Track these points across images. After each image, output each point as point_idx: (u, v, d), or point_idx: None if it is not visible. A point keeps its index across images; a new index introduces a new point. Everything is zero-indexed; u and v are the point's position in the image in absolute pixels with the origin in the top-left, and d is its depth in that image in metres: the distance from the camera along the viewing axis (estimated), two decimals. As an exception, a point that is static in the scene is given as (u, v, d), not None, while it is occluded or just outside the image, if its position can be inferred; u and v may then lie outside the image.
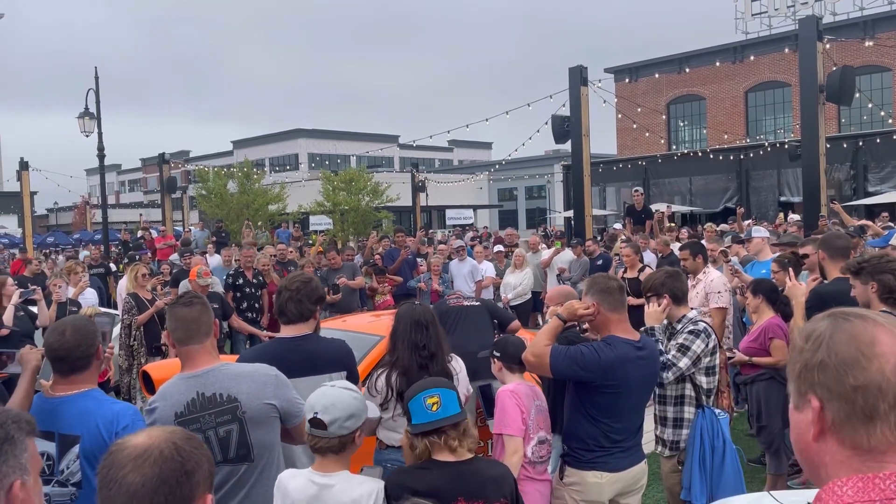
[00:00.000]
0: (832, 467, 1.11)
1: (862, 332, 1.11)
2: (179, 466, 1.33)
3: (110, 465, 1.33)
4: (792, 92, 30.83)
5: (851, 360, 1.09)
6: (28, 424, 1.62)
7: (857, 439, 1.08)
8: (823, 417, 1.10)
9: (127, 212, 48.67)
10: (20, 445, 1.57)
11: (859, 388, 1.07)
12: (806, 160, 10.54)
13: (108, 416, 2.64)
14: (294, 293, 3.48)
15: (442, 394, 2.57)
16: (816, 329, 1.15)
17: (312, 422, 2.41)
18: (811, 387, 1.12)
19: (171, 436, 1.37)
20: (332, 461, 2.47)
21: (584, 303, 3.65)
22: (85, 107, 18.86)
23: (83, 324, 2.78)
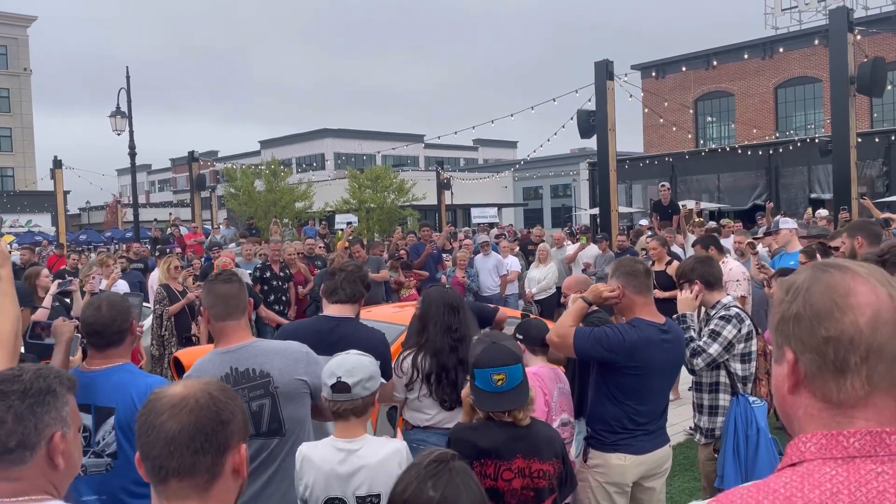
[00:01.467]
0: (804, 420, 1.10)
1: (839, 283, 1.08)
2: (215, 415, 1.37)
3: (149, 412, 1.38)
4: (823, 87, 30.34)
5: (825, 312, 1.06)
6: (69, 381, 1.69)
7: (827, 392, 1.06)
8: (797, 370, 1.09)
9: (157, 211, 49.32)
10: (61, 398, 1.64)
11: (831, 340, 1.05)
12: (837, 153, 10.40)
13: (143, 389, 2.71)
14: (349, 274, 3.63)
15: (508, 371, 2.70)
16: (796, 281, 1.13)
17: (335, 386, 2.47)
18: (787, 339, 1.11)
19: (206, 386, 1.42)
20: (353, 425, 2.53)
21: (609, 285, 3.67)
22: (116, 105, 19.19)
23: (118, 300, 2.86)
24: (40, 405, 1.60)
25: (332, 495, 2.43)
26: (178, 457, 1.33)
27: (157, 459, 1.33)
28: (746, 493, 1.07)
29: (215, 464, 1.35)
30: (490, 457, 2.71)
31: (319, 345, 3.21)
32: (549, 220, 48.24)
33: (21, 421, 1.57)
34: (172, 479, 1.33)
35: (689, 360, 4.02)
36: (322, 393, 2.59)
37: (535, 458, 2.71)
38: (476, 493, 1.74)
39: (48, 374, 1.66)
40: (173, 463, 1.32)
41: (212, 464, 1.35)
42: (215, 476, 1.36)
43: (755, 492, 1.06)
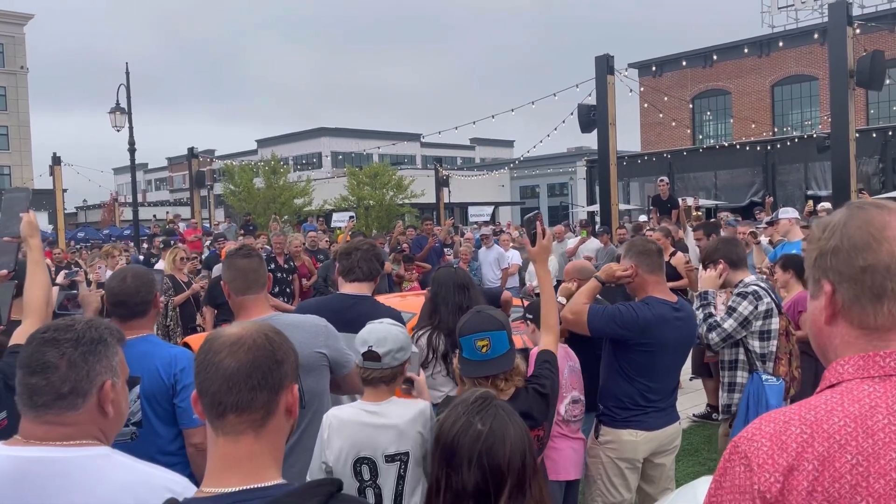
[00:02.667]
0: (841, 348, 1.15)
1: (875, 218, 1.14)
2: (271, 354, 1.41)
3: (207, 350, 1.42)
4: (819, 85, 30.48)
5: (863, 244, 1.12)
6: (118, 333, 1.74)
7: (865, 318, 1.12)
8: (835, 301, 1.15)
9: (154, 210, 49.22)
10: (112, 348, 1.68)
11: (868, 269, 1.11)
12: (836, 147, 10.47)
13: (167, 359, 2.75)
14: (365, 252, 3.66)
15: (492, 336, 2.65)
16: (833, 219, 1.19)
17: (367, 355, 2.51)
18: (824, 273, 1.16)
19: (261, 328, 1.46)
20: (382, 391, 2.57)
21: (622, 265, 3.71)
22: (116, 102, 19.19)
23: (143, 271, 2.90)
24: (92, 353, 1.64)
25: (362, 455, 2.47)
26: (237, 392, 1.36)
27: (216, 395, 1.37)
28: (788, 410, 1.12)
29: (270, 401, 1.39)
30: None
31: (338, 322, 3.24)
32: (547, 219, 48.28)
33: (74, 368, 1.61)
34: (230, 413, 1.37)
35: (706, 335, 4.07)
36: (354, 359, 2.63)
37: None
38: (521, 427, 1.79)
39: (99, 324, 1.71)
40: (232, 398, 1.36)
41: (267, 400, 1.39)
42: (270, 413, 1.40)
43: (797, 409, 1.11)
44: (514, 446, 1.73)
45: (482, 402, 1.76)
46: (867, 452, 1.02)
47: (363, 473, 2.48)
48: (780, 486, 1.04)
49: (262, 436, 1.39)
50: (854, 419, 1.05)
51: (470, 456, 1.71)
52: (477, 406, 1.75)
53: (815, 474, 1.03)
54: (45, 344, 1.63)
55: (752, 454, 1.08)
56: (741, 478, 1.07)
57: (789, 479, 1.03)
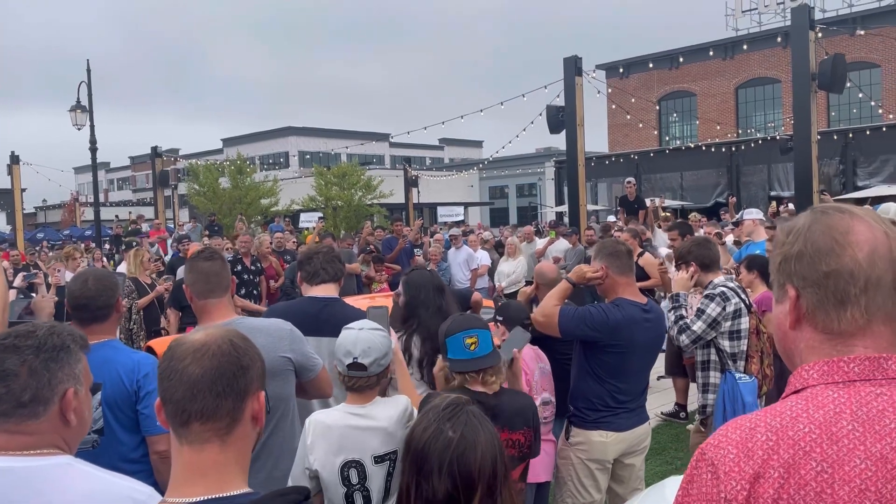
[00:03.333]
0: (806, 352, 1.15)
1: (838, 223, 1.14)
2: (236, 361, 1.38)
3: (170, 357, 1.38)
4: (782, 88, 31.08)
5: (826, 249, 1.12)
6: (82, 339, 1.69)
7: (828, 324, 1.12)
8: (799, 306, 1.15)
9: (116, 210, 48.38)
10: (75, 356, 1.63)
11: (832, 274, 1.11)
12: (798, 148, 10.66)
13: (130, 365, 2.68)
14: (326, 255, 3.63)
15: (479, 334, 2.74)
16: (797, 223, 1.19)
17: (352, 366, 2.48)
18: (788, 277, 1.17)
19: (226, 333, 1.43)
20: (367, 395, 2.54)
21: (592, 266, 3.72)
22: (77, 99, 18.79)
23: (105, 275, 2.82)
24: (54, 361, 1.59)
25: (349, 458, 2.43)
26: (201, 400, 1.33)
27: (180, 403, 1.34)
28: (754, 416, 1.12)
29: (236, 408, 1.36)
30: None
31: (307, 326, 3.19)
32: (515, 219, 48.50)
33: (35, 375, 1.57)
34: (195, 421, 1.34)
35: (676, 337, 4.10)
36: (336, 365, 2.59)
37: (505, 427, 2.73)
38: (491, 432, 1.77)
39: (62, 330, 1.66)
40: (196, 406, 1.33)
41: (233, 408, 1.36)
42: (236, 420, 1.37)
43: (762, 415, 1.11)
44: (485, 453, 1.72)
45: (453, 408, 1.74)
46: (832, 459, 1.03)
47: (351, 477, 2.44)
48: (747, 494, 1.04)
49: (228, 444, 1.36)
50: (819, 426, 1.05)
51: (441, 463, 1.69)
52: (448, 412, 1.72)
53: (781, 482, 1.03)
54: (5, 351, 1.58)
55: (718, 461, 1.07)
56: (708, 485, 1.07)
57: (755, 486, 1.03)
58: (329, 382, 3.07)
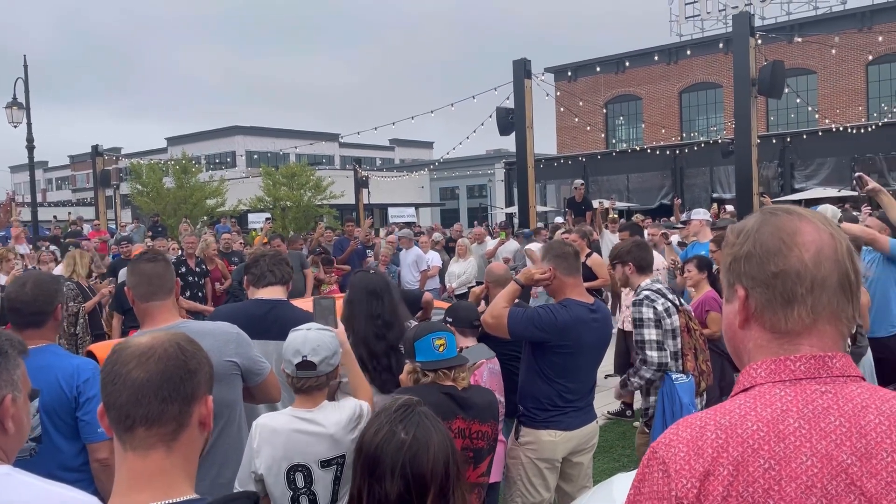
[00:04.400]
0: (754, 352, 1.18)
1: (786, 224, 1.17)
2: (183, 364, 1.35)
3: (114, 362, 1.34)
4: (724, 93, 31.93)
5: (774, 249, 1.15)
6: (20, 344, 1.63)
7: (776, 323, 1.15)
8: (748, 305, 1.17)
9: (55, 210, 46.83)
10: (12, 361, 1.57)
11: (779, 274, 1.14)
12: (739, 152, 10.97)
13: (69, 370, 2.60)
14: (273, 258, 3.58)
15: (448, 337, 2.85)
16: (746, 224, 1.22)
17: (301, 365, 2.45)
18: (738, 277, 1.19)
19: (173, 337, 1.39)
20: (315, 397, 2.52)
21: (540, 267, 3.75)
22: (13, 96, 18.14)
23: (47, 280, 2.73)
24: None
25: (295, 463, 2.40)
26: (146, 405, 1.30)
27: (124, 408, 1.30)
28: (704, 414, 1.14)
29: (182, 413, 1.33)
30: None
31: (254, 328, 3.14)
32: (466, 220, 48.70)
33: None
34: (139, 427, 1.30)
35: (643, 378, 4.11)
36: (284, 368, 2.55)
37: (475, 419, 2.81)
38: (443, 433, 1.77)
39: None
40: (141, 411, 1.30)
41: (179, 413, 1.33)
42: (182, 426, 1.34)
43: (712, 413, 1.13)
44: (438, 454, 1.72)
45: (405, 409, 1.73)
46: (779, 456, 1.05)
47: (297, 481, 2.42)
48: (697, 492, 1.05)
49: (174, 450, 1.33)
50: (766, 423, 1.08)
51: (393, 466, 1.68)
52: (400, 414, 1.72)
53: (730, 479, 1.05)
54: None
55: (669, 460, 1.09)
56: (659, 483, 1.08)
57: (705, 484, 1.05)
58: (277, 386, 3.03)
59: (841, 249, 1.16)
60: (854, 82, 29.65)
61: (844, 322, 1.16)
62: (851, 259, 1.17)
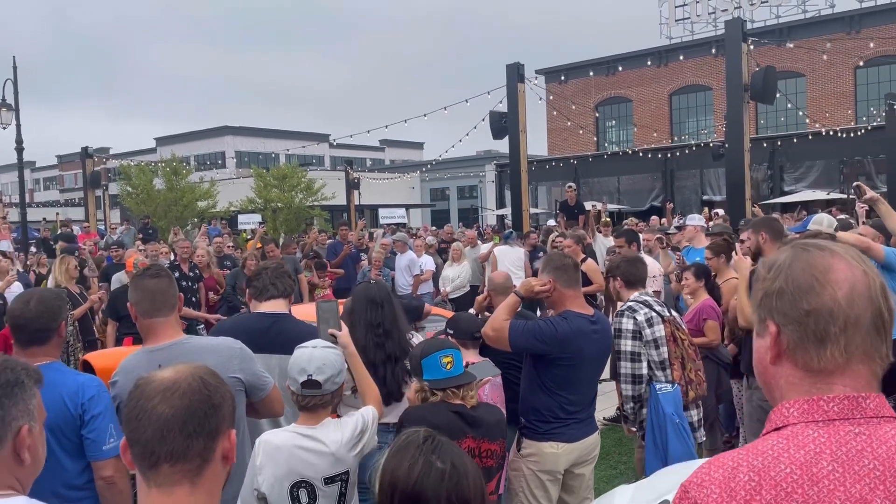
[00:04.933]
0: (786, 389, 1.17)
1: (819, 261, 1.16)
2: (207, 399, 1.34)
3: (139, 397, 1.33)
4: (713, 95, 32.11)
5: (807, 287, 1.14)
6: (36, 373, 1.61)
7: (808, 361, 1.14)
8: (780, 342, 1.16)
9: (43, 210, 46.47)
10: (29, 391, 1.56)
11: (812, 313, 1.13)
12: (731, 156, 11.04)
13: (73, 388, 2.58)
14: (275, 270, 3.58)
15: (455, 354, 2.87)
16: (778, 259, 1.21)
17: (306, 384, 2.45)
18: (769, 313, 1.18)
19: (196, 370, 1.38)
20: (319, 414, 2.52)
21: (540, 280, 3.76)
22: (2, 97, 17.99)
23: (51, 297, 2.72)
24: (8, 397, 1.52)
25: (298, 479, 2.40)
26: (171, 441, 1.29)
27: (149, 444, 1.30)
28: (735, 454, 1.14)
29: (207, 448, 1.33)
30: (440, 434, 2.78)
31: (256, 342, 3.14)
32: (456, 221, 48.72)
33: None
34: (164, 464, 1.30)
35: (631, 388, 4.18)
36: (289, 385, 2.55)
37: (485, 438, 2.83)
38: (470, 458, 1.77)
39: (15, 364, 1.58)
40: (165, 447, 1.29)
41: (203, 448, 1.32)
42: (206, 461, 1.33)
43: (744, 453, 1.13)
44: (476, 478, 1.71)
45: (433, 440, 1.72)
46: (812, 501, 1.04)
47: (301, 498, 2.43)
48: None
49: (199, 486, 1.32)
50: (800, 466, 1.07)
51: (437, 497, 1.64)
52: (430, 445, 1.70)
53: None
54: None
55: (701, 501, 1.08)
56: None
57: None
58: (280, 401, 3.02)
59: (874, 287, 1.15)
60: (842, 85, 29.88)
61: (878, 361, 1.15)
62: (885, 296, 1.15)
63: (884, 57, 27.05)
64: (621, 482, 5.63)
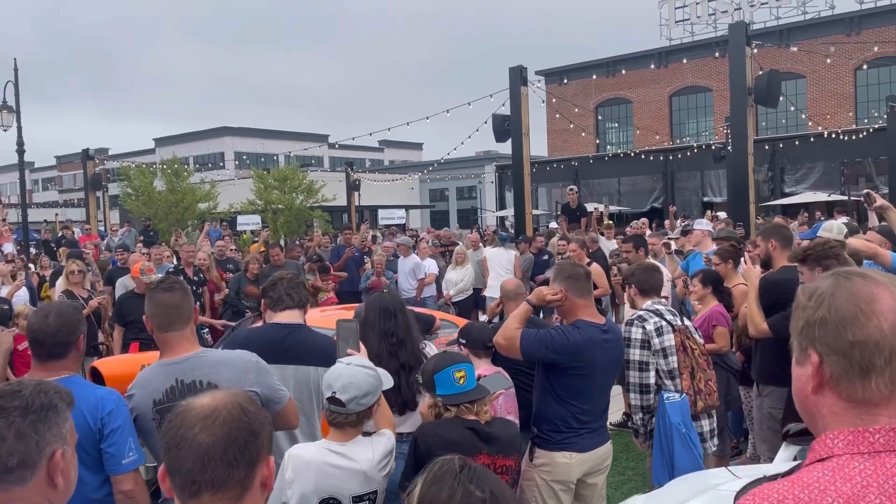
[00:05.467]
0: (829, 419, 1.16)
1: (862, 290, 1.15)
2: (246, 427, 1.34)
3: (178, 425, 1.33)
4: (713, 96, 32.12)
5: (851, 317, 1.13)
6: (68, 396, 1.61)
7: (852, 392, 1.13)
8: (822, 372, 1.15)
9: (42, 211, 46.42)
10: (62, 415, 1.56)
11: (857, 344, 1.12)
12: (735, 160, 11.05)
13: (92, 402, 2.58)
14: (290, 281, 3.60)
15: (467, 369, 2.89)
16: (819, 287, 1.19)
17: (331, 400, 2.46)
18: (812, 342, 1.17)
19: (235, 398, 1.39)
20: (348, 432, 2.53)
21: (552, 289, 3.76)
22: (3, 100, 17.96)
23: (69, 311, 2.72)
24: (42, 421, 1.52)
25: (327, 496, 2.40)
26: (212, 470, 1.30)
27: (190, 473, 1.30)
28: (781, 487, 1.13)
29: (247, 476, 1.33)
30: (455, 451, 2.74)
31: (272, 353, 3.14)
32: (456, 222, 48.71)
33: (23, 438, 1.48)
34: (205, 492, 1.30)
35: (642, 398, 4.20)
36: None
37: (499, 454, 2.84)
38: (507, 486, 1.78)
39: (48, 388, 1.58)
40: (206, 476, 1.30)
41: (244, 476, 1.33)
42: (246, 489, 1.34)
43: (790, 486, 1.12)
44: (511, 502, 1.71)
45: (469, 468, 1.71)
46: None
47: None
48: None
49: None
50: (847, 499, 1.07)
51: None
52: (467, 474, 1.69)
53: None
54: None
55: None
56: None
57: None
58: (296, 413, 3.02)
59: None
60: (843, 86, 29.91)
61: None
62: None
63: (884, 58, 27.08)
64: (629, 488, 5.64)
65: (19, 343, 6.94)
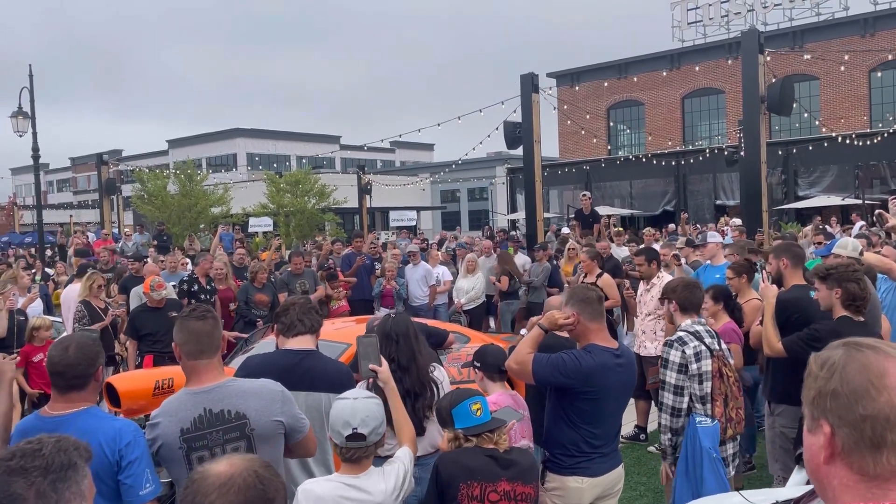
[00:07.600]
0: (839, 490, 1.16)
1: (873, 364, 1.16)
2: (262, 494, 1.37)
3: (195, 493, 1.36)
4: (725, 98, 31.96)
5: (862, 391, 1.14)
6: (86, 451, 1.64)
7: (863, 466, 1.13)
8: (834, 443, 1.16)
9: (56, 213, 46.82)
10: (81, 472, 1.59)
11: (868, 418, 1.13)
12: (748, 167, 10.99)
13: (111, 434, 2.62)
14: (302, 306, 3.59)
15: (482, 401, 2.98)
16: (831, 357, 1.21)
17: (351, 437, 2.48)
18: (823, 413, 1.18)
19: (251, 464, 1.41)
20: (363, 464, 2.56)
21: (564, 313, 3.77)
22: (18, 105, 18.14)
23: (88, 343, 2.75)
24: (62, 481, 1.55)
25: None
26: None
27: None
28: None
29: None
30: (476, 478, 2.88)
31: (284, 380, 3.16)
32: (467, 224, 48.71)
33: (43, 498, 1.52)
34: None
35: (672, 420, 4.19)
36: (331, 437, 2.58)
37: (519, 481, 2.90)
38: None
39: (68, 446, 1.61)
40: None
41: None
42: None
43: None
44: None
45: None
46: None
47: None
48: None
49: None
50: None
51: None
52: None
53: None
54: (12, 474, 1.53)
55: None
56: None
57: None
58: (314, 441, 3.05)
59: None
60: (857, 88, 29.68)
61: None
62: None
63: (899, 60, 26.85)
64: (641, 504, 5.65)
65: (34, 355, 7.04)
